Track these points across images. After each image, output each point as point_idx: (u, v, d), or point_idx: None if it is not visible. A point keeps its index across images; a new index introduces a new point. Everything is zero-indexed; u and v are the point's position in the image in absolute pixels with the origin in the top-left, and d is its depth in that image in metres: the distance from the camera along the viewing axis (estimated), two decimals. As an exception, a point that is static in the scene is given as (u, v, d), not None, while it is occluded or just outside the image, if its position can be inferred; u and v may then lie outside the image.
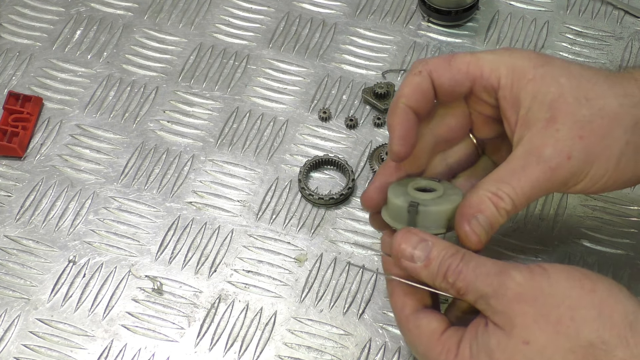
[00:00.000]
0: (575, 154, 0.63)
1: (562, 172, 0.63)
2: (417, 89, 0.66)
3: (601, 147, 0.63)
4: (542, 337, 0.58)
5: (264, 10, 0.97)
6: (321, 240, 0.80)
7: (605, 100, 0.64)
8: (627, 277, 0.77)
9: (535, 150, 0.64)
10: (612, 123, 0.64)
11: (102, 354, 0.74)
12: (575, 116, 0.63)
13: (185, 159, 0.86)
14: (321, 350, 0.74)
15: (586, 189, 0.65)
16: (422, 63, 0.67)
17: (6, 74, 0.92)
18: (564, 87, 0.64)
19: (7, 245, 0.80)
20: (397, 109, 0.66)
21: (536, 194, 0.64)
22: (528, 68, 0.65)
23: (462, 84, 0.67)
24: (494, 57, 0.67)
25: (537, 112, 0.64)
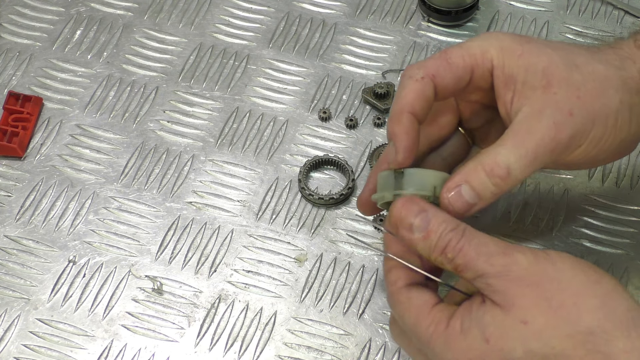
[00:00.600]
0: (576, 110, 0.64)
1: (566, 130, 0.64)
2: (420, 96, 0.66)
3: (599, 105, 0.65)
4: (542, 319, 0.57)
5: (264, 10, 0.97)
6: (321, 240, 0.80)
7: (592, 66, 0.66)
8: (626, 277, 0.77)
9: (536, 113, 0.64)
10: (604, 84, 0.65)
11: (102, 354, 0.74)
12: (569, 80, 0.65)
13: (185, 159, 0.86)
14: (321, 350, 0.74)
15: (587, 152, 0.66)
16: (422, 68, 0.67)
17: (6, 74, 0.92)
18: (553, 56, 0.66)
19: (7, 245, 0.80)
20: (402, 118, 0.66)
21: (542, 153, 0.64)
22: (515, 45, 0.66)
23: (463, 78, 0.67)
24: (481, 42, 0.67)
25: (532, 81, 0.65)
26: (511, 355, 0.57)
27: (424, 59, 0.69)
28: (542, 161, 0.64)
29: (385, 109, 0.88)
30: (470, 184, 0.63)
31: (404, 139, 0.65)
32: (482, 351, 0.58)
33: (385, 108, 0.88)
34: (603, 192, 0.82)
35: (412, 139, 0.65)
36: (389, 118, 0.67)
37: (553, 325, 0.57)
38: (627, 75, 0.66)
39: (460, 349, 0.58)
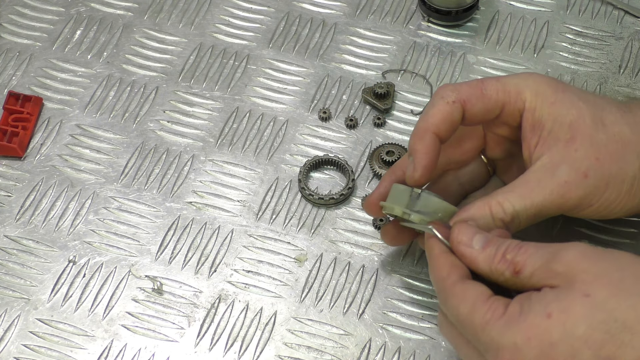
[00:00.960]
0: (592, 173, 0.65)
1: (577, 190, 0.65)
2: (447, 118, 0.67)
3: (616, 169, 0.65)
4: (604, 291, 0.57)
5: (264, 10, 0.97)
6: (321, 240, 0.80)
7: (619, 127, 0.67)
8: (627, 277, 0.77)
9: (552, 166, 0.66)
10: (626, 148, 0.66)
11: (102, 354, 0.74)
12: (592, 139, 0.66)
13: (185, 159, 0.86)
14: (321, 350, 0.74)
15: (598, 212, 0.67)
16: (454, 91, 0.68)
17: (6, 74, 0.92)
18: (583, 111, 0.67)
19: (7, 245, 0.80)
20: (426, 137, 0.67)
21: (548, 208, 0.66)
22: (550, 92, 0.68)
23: (493, 111, 0.68)
24: (518, 80, 0.69)
25: (558, 132, 0.66)
26: (573, 330, 0.56)
27: (460, 83, 0.70)
28: (547, 214, 0.66)
29: (385, 109, 0.88)
30: (477, 222, 0.65)
31: (423, 158, 0.67)
32: (543, 328, 0.57)
33: (385, 108, 0.88)
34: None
35: (432, 160, 0.67)
36: (413, 133, 0.68)
37: (615, 297, 0.56)
38: None
39: (520, 328, 0.58)
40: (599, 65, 0.92)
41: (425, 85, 0.91)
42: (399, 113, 0.89)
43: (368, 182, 0.84)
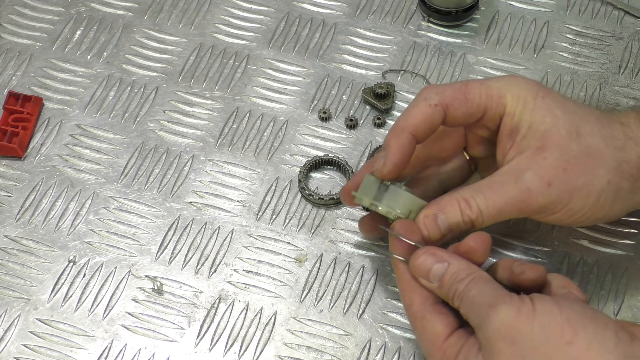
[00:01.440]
0: (556, 182, 0.66)
1: (539, 198, 0.66)
2: (427, 120, 0.68)
3: (583, 181, 0.66)
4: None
5: (264, 10, 0.97)
6: (321, 241, 0.80)
7: (593, 139, 0.67)
8: (626, 277, 0.78)
9: (517, 171, 0.67)
10: (597, 161, 0.66)
11: (102, 354, 0.74)
12: (563, 149, 0.66)
13: (185, 159, 0.86)
14: (321, 350, 0.74)
15: (561, 220, 0.68)
16: (438, 94, 0.68)
17: (6, 74, 0.92)
18: (559, 119, 0.67)
19: (7, 245, 0.80)
20: (402, 135, 0.68)
21: (509, 211, 0.67)
22: (530, 98, 0.68)
23: (475, 115, 0.69)
24: (501, 84, 0.69)
25: (530, 139, 0.67)
26: None
27: (445, 85, 0.70)
28: (508, 216, 0.67)
29: (385, 109, 0.88)
30: (446, 215, 0.67)
31: (395, 155, 0.68)
32: None
33: (385, 108, 0.88)
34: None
35: (403, 157, 0.68)
36: (391, 128, 0.69)
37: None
38: (624, 159, 0.67)
39: None
40: (599, 65, 0.92)
41: (425, 85, 0.91)
42: (399, 113, 0.89)
43: (368, 182, 0.84)
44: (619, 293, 0.77)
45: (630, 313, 0.75)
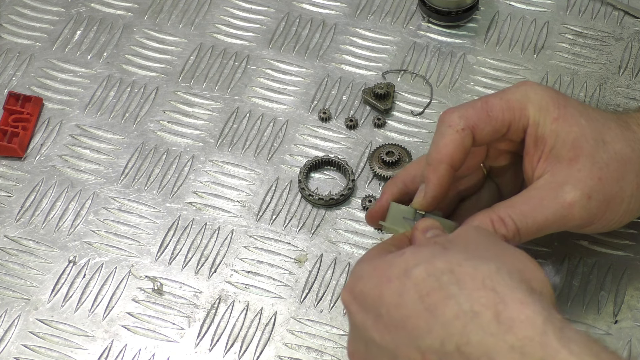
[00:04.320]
0: (595, 194, 0.65)
1: (581, 212, 0.66)
2: (460, 148, 0.67)
3: (617, 189, 0.66)
4: (459, 247, 0.59)
5: (264, 10, 0.97)
6: (321, 241, 0.80)
7: (619, 145, 0.67)
8: (627, 277, 0.78)
9: (556, 186, 0.66)
10: (626, 166, 0.66)
11: (102, 354, 0.74)
12: (594, 158, 0.66)
13: (185, 159, 0.86)
14: (321, 350, 0.74)
15: (595, 230, 0.68)
16: (462, 118, 0.67)
17: (6, 74, 0.92)
18: (585, 129, 0.67)
19: (7, 246, 0.80)
20: (440, 168, 0.67)
21: (548, 227, 0.66)
22: (552, 107, 0.67)
23: (500, 131, 0.68)
24: (520, 96, 0.68)
25: (560, 150, 0.66)
26: (411, 270, 0.57)
27: (464, 106, 0.69)
28: (547, 232, 0.67)
29: (385, 109, 0.88)
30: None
31: (435, 190, 0.67)
32: (390, 263, 0.59)
33: (385, 108, 0.88)
34: (603, 192, 0.82)
35: (443, 190, 0.68)
36: (427, 162, 0.68)
37: (462, 253, 0.57)
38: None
39: (374, 261, 0.61)
40: (599, 65, 0.92)
41: (425, 85, 0.91)
42: (399, 113, 0.89)
43: (368, 183, 0.84)
44: (619, 293, 0.77)
45: (630, 313, 0.75)
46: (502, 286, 0.54)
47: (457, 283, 0.54)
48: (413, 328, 0.55)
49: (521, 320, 0.52)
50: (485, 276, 0.54)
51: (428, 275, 0.55)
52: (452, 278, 0.55)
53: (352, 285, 0.60)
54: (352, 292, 0.59)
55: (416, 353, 0.54)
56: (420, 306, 0.55)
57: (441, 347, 0.53)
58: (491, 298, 0.53)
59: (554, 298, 0.57)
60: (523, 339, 0.51)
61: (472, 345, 0.52)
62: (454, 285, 0.54)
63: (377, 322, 0.57)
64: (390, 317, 0.56)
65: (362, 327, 0.58)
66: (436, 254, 0.57)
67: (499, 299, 0.53)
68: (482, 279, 0.54)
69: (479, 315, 0.53)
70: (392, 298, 0.56)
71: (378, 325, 0.57)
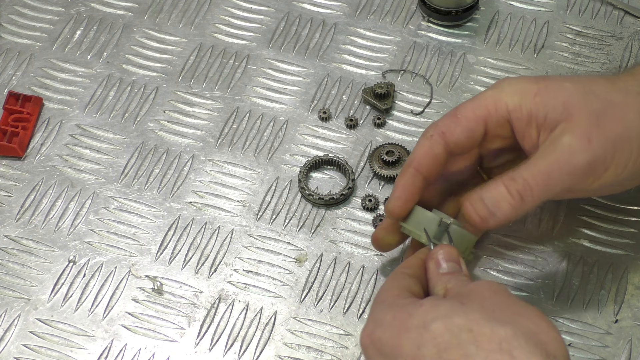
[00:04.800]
0: (595, 137, 0.65)
1: (583, 155, 0.65)
2: (428, 153, 0.69)
3: (620, 130, 0.66)
4: (475, 306, 0.59)
5: (264, 10, 0.97)
6: (321, 241, 0.80)
7: (611, 94, 0.67)
8: (626, 277, 0.78)
9: (554, 140, 0.66)
10: (624, 110, 0.67)
11: (102, 354, 0.74)
12: (589, 109, 0.66)
13: (185, 159, 0.86)
14: (321, 350, 0.74)
15: (617, 176, 0.67)
16: (433, 126, 0.69)
17: (6, 74, 0.92)
18: (571, 89, 0.67)
19: (7, 245, 0.80)
20: (406, 173, 0.69)
21: (557, 176, 0.65)
22: (530, 85, 0.68)
23: (477, 130, 0.69)
24: (493, 92, 0.69)
25: (553, 115, 0.67)
26: (429, 323, 0.58)
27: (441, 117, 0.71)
28: (559, 183, 0.66)
29: (385, 109, 0.88)
30: (491, 193, 0.66)
31: (397, 190, 0.69)
32: (410, 313, 0.60)
33: (385, 108, 0.88)
34: (603, 192, 0.82)
35: (407, 193, 0.69)
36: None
37: (481, 313, 0.58)
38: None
39: (394, 310, 0.62)
40: (599, 65, 0.92)
41: (425, 85, 0.91)
42: (399, 113, 0.89)
43: (368, 182, 0.84)
44: (619, 293, 0.77)
45: (631, 313, 0.75)
46: (519, 351, 0.55)
47: (474, 343, 0.55)
48: None
49: None
50: (502, 339, 0.55)
51: (447, 330, 0.57)
52: (470, 337, 0.56)
53: (371, 331, 0.61)
54: (370, 337, 0.61)
55: None
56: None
57: None
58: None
59: (568, 358, 0.58)
60: None
61: None
62: (472, 345, 0.55)
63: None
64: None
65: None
66: (455, 310, 0.58)
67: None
68: (499, 342, 0.55)
69: None
70: (410, 349, 0.57)
71: None
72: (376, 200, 0.82)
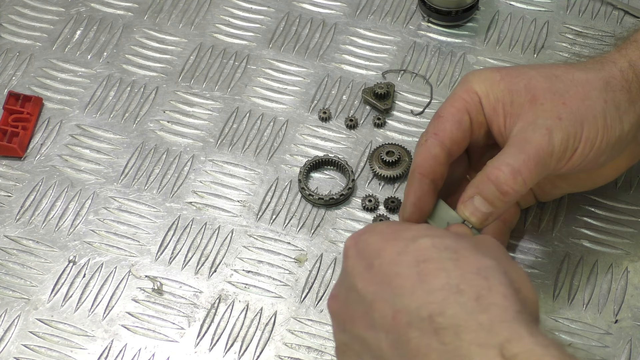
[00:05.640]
0: (564, 115, 0.67)
1: (558, 133, 0.66)
2: (428, 156, 0.70)
3: (584, 108, 0.68)
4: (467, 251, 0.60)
5: (264, 10, 0.97)
6: (321, 241, 0.80)
7: (573, 74, 0.70)
8: (626, 277, 0.78)
9: (530, 124, 0.67)
10: (586, 87, 0.68)
11: (102, 354, 0.74)
12: (552, 89, 0.68)
13: (185, 159, 0.86)
14: (321, 350, 0.74)
15: (585, 155, 0.68)
16: (424, 133, 0.71)
17: (6, 74, 0.92)
18: (532, 72, 0.70)
19: (7, 245, 0.80)
20: (413, 179, 0.70)
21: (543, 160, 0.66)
22: (494, 74, 0.71)
23: (463, 119, 0.70)
24: (462, 84, 0.72)
25: (518, 99, 0.69)
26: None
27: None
28: (544, 166, 0.67)
29: (385, 109, 0.88)
30: (481, 194, 0.67)
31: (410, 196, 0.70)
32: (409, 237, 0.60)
33: (385, 108, 0.88)
34: (603, 192, 0.82)
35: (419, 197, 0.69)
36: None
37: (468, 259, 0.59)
38: (608, 75, 0.69)
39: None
40: (599, 65, 0.92)
41: (425, 85, 0.91)
42: (399, 113, 0.89)
43: (368, 183, 0.84)
44: (619, 293, 0.77)
45: (631, 313, 0.75)
46: (493, 279, 0.56)
47: (455, 261, 0.57)
48: (397, 286, 0.57)
49: (497, 306, 0.54)
50: (482, 267, 0.57)
51: (432, 246, 0.58)
52: (453, 256, 0.57)
53: (360, 233, 0.62)
54: (356, 239, 0.62)
55: (389, 310, 0.57)
56: (413, 269, 0.57)
57: (415, 311, 0.55)
58: (479, 283, 0.55)
59: (537, 315, 0.59)
60: (493, 319, 0.53)
61: (445, 316, 0.54)
62: (451, 262, 0.57)
63: (367, 271, 0.59)
64: (381, 270, 0.58)
65: (350, 273, 0.60)
66: (448, 235, 0.60)
67: (485, 286, 0.55)
68: (478, 267, 0.57)
69: (462, 293, 0.55)
70: (390, 254, 0.59)
71: (366, 275, 0.59)
72: (376, 201, 0.82)
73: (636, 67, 0.70)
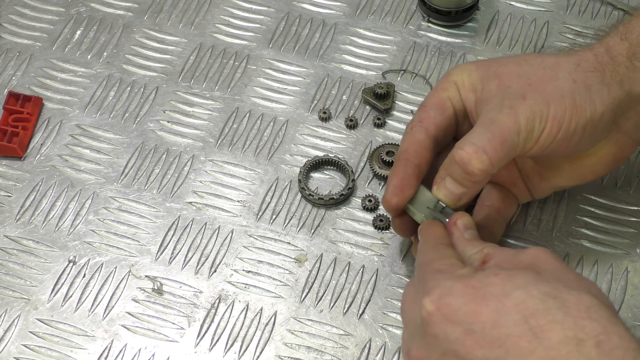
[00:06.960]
0: (529, 94, 0.68)
1: (522, 112, 0.67)
2: (413, 142, 0.72)
3: (551, 88, 0.68)
4: (554, 277, 0.60)
5: (264, 10, 0.97)
6: (321, 241, 0.80)
7: (543, 59, 0.71)
8: (626, 277, 0.78)
9: (496, 105, 0.69)
10: (555, 69, 0.69)
11: (102, 354, 0.74)
12: (519, 72, 0.70)
13: (185, 159, 0.86)
14: (321, 350, 0.74)
15: (553, 135, 0.68)
16: (409, 123, 0.73)
17: (6, 74, 0.92)
18: (503, 61, 0.72)
19: (7, 245, 0.80)
20: (398, 163, 0.71)
21: (509, 139, 0.67)
22: (471, 65, 0.73)
23: (446, 107, 0.72)
24: (443, 77, 0.74)
25: (488, 85, 0.70)
26: (510, 291, 0.58)
27: None
28: (512, 145, 0.67)
29: (385, 109, 0.88)
30: (451, 176, 0.69)
31: (393, 179, 0.71)
32: (484, 282, 0.59)
33: (385, 108, 0.88)
34: (602, 192, 0.82)
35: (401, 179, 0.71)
36: None
37: (563, 281, 0.58)
38: (580, 59, 0.70)
39: (463, 279, 0.60)
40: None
41: (425, 85, 0.91)
42: (399, 113, 0.89)
43: (368, 183, 0.84)
44: (619, 293, 0.77)
45: (630, 313, 0.75)
46: (602, 319, 0.55)
47: (562, 309, 0.55)
48: (513, 347, 0.55)
49: (619, 348, 0.54)
50: (589, 306, 0.56)
51: (530, 297, 0.56)
52: (558, 303, 0.56)
53: (438, 297, 0.59)
54: (438, 304, 0.59)
55: None
56: (523, 327, 0.55)
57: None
58: (594, 327, 0.55)
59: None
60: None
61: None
62: (559, 311, 0.55)
63: (468, 337, 0.57)
64: (486, 334, 0.56)
65: (445, 339, 0.58)
66: (534, 278, 0.58)
67: (600, 329, 0.54)
68: (587, 309, 0.56)
69: (583, 343, 0.54)
70: (489, 316, 0.57)
71: (468, 340, 0.57)
72: (376, 201, 0.82)
73: (613, 51, 0.71)
